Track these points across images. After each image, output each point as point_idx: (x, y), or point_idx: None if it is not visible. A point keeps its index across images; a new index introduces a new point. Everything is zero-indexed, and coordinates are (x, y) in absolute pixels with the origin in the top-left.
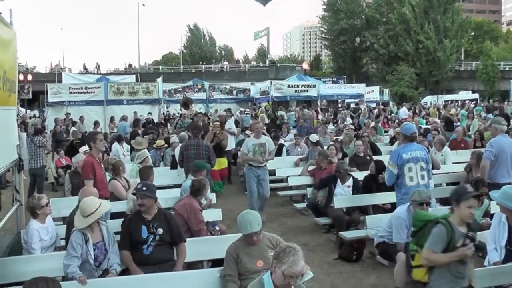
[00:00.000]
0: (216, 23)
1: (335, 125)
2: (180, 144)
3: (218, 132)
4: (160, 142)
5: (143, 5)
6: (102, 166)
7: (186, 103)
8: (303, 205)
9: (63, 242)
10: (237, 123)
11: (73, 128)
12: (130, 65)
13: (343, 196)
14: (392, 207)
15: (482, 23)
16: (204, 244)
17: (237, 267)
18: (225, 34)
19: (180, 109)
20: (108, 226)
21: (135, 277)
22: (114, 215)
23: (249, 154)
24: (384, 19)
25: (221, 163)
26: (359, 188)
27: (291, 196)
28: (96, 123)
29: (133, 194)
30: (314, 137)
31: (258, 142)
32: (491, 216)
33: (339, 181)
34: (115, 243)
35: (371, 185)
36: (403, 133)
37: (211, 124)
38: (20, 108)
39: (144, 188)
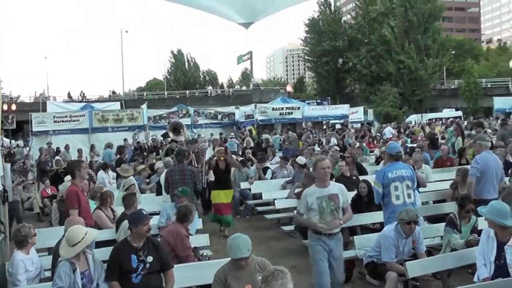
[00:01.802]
0: (199, 48)
1: (320, 146)
2: (165, 170)
3: (222, 158)
4: (140, 167)
5: (126, 31)
6: (86, 194)
7: (176, 128)
8: (291, 227)
9: (47, 273)
10: None
11: (57, 157)
12: (113, 92)
13: None
14: (381, 227)
15: (463, 42)
16: (192, 270)
17: None
18: (209, 58)
19: (162, 136)
20: (94, 255)
21: None
22: (99, 244)
23: (312, 214)
24: (366, 40)
25: (228, 195)
26: None
27: (279, 219)
28: (79, 151)
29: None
30: (301, 160)
31: (325, 193)
32: (479, 232)
33: None
34: (103, 271)
35: (360, 205)
36: (388, 152)
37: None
38: (5, 139)
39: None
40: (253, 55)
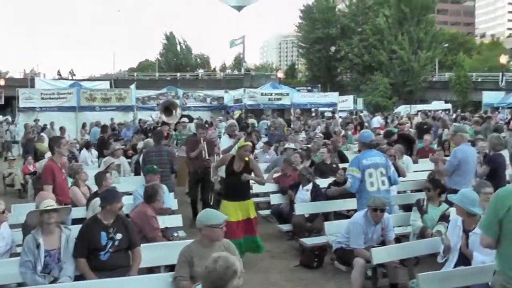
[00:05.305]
0: (193, 30)
1: (306, 133)
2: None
3: (247, 159)
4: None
5: (119, 11)
6: (64, 171)
7: (168, 108)
8: (268, 212)
9: (19, 249)
10: None
11: (41, 134)
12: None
13: (304, 203)
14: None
15: (457, 35)
16: (161, 249)
17: (189, 269)
18: (203, 42)
19: (157, 117)
20: (71, 234)
21: (90, 282)
22: (74, 221)
23: None
24: (359, 29)
25: (244, 208)
26: (318, 191)
27: (257, 203)
28: (62, 129)
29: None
30: (291, 145)
31: None
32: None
33: (300, 186)
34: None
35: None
36: (362, 141)
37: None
38: None
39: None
40: (246, 40)
